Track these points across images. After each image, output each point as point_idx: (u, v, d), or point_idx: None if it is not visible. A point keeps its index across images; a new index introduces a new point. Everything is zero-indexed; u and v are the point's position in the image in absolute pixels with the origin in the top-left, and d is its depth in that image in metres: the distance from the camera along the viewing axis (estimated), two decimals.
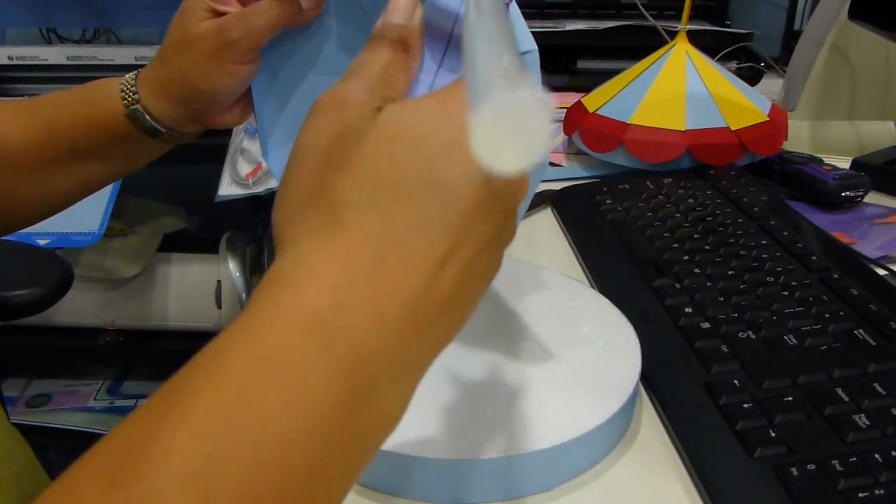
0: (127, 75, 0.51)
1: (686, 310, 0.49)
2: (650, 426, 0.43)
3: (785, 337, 0.46)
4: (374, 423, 0.24)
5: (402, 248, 0.24)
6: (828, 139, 0.93)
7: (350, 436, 0.23)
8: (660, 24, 0.98)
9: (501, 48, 0.23)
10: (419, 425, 0.39)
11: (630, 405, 0.42)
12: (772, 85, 1.06)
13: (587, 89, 0.84)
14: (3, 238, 0.56)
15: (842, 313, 0.48)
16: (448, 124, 0.25)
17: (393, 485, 0.38)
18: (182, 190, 1.59)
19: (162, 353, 1.43)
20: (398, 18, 0.29)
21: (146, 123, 0.49)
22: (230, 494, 0.20)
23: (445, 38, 0.29)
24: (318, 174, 0.26)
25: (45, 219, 0.55)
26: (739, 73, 1.04)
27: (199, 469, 0.20)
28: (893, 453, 0.37)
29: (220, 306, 1.37)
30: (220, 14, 0.47)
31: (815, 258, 0.54)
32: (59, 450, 1.37)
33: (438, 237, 0.25)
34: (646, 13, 0.98)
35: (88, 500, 0.20)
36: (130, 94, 0.49)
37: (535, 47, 0.35)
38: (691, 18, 1.13)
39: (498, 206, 0.26)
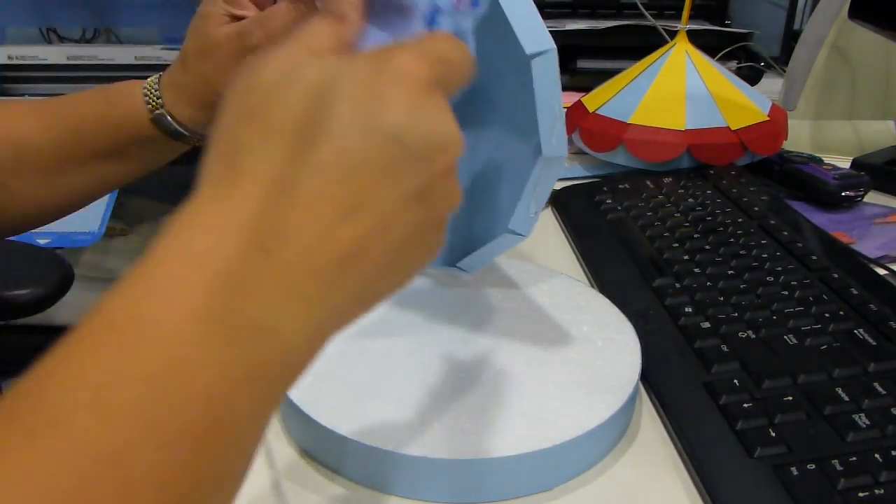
0: (149, 79, 0.51)
1: (686, 309, 0.49)
2: (650, 426, 0.43)
3: (785, 337, 0.46)
4: (277, 355, 0.24)
5: (296, 191, 0.24)
6: (828, 139, 0.93)
7: (253, 366, 0.23)
8: (660, 24, 0.98)
9: None
10: (419, 425, 0.39)
11: (630, 405, 0.42)
12: (772, 85, 1.06)
13: (587, 89, 0.84)
14: (5, 238, 0.56)
15: (842, 313, 0.48)
16: (352, 73, 0.25)
17: (393, 484, 0.38)
18: (182, 190, 1.59)
19: None
20: None
21: (171, 127, 0.50)
22: (129, 417, 0.21)
23: (386, 6, 0.30)
24: (228, 124, 0.26)
25: (60, 218, 0.55)
26: (739, 72, 1.04)
27: (93, 396, 0.21)
28: (893, 453, 0.37)
29: None
30: (237, 18, 0.48)
31: (815, 258, 0.54)
32: None
33: (336, 183, 0.24)
34: (646, 13, 0.98)
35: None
36: (154, 98, 0.50)
37: (554, 46, 0.36)
38: (691, 18, 1.13)
39: (416, 163, 0.25)
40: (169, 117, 0.50)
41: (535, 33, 0.36)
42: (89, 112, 0.51)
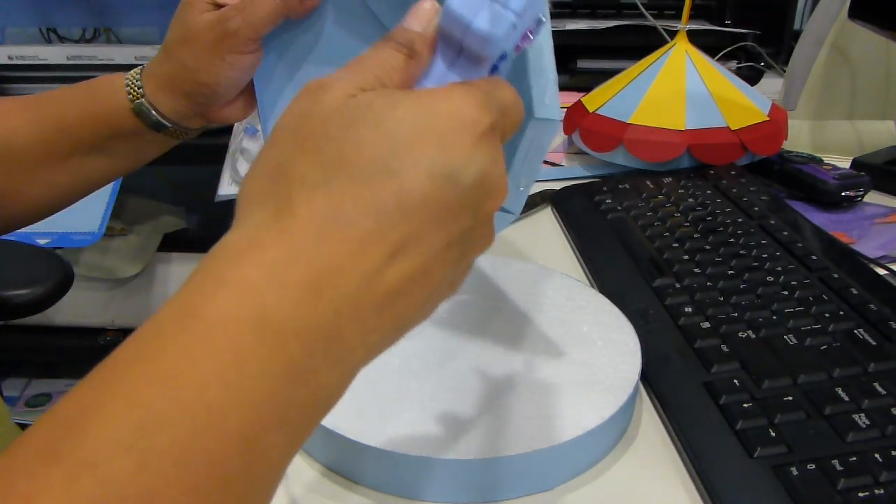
0: (132, 71, 0.51)
1: (686, 309, 0.49)
2: (650, 426, 0.43)
3: (785, 336, 0.46)
4: (310, 397, 0.24)
5: (350, 230, 0.24)
6: (828, 139, 0.93)
7: (286, 407, 0.23)
8: (660, 24, 0.98)
9: None
10: (420, 426, 0.39)
11: (630, 405, 0.42)
12: (772, 85, 1.06)
13: (587, 89, 0.84)
14: (3, 238, 0.56)
15: (842, 313, 0.48)
16: (421, 114, 0.25)
17: (394, 485, 0.38)
18: (182, 190, 1.59)
19: None
20: (414, 25, 0.29)
21: (152, 118, 0.50)
22: (165, 461, 0.20)
23: (456, 47, 0.30)
24: (283, 150, 0.26)
25: (47, 216, 0.55)
26: (739, 72, 1.04)
27: (133, 437, 0.20)
28: (893, 453, 0.37)
29: None
30: (220, 6, 0.47)
31: (815, 258, 0.54)
32: None
33: (390, 226, 0.24)
34: (646, 13, 0.98)
35: (25, 475, 0.20)
36: (135, 88, 0.50)
37: (547, 18, 0.35)
38: (691, 18, 1.13)
39: (465, 208, 0.26)
40: (149, 107, 0.49)
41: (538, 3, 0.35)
42: (72, 106, 0.51)
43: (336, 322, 0.24)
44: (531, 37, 0.30)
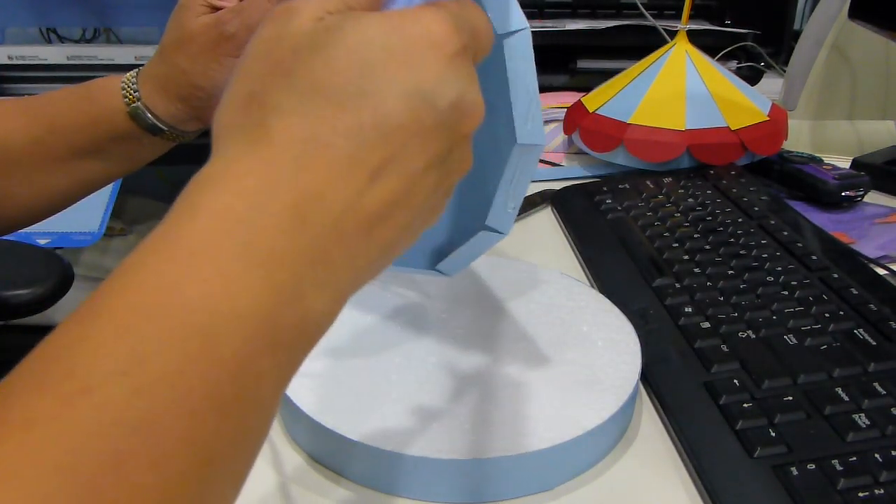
0: (128, 73, 0.51)
1: (686, 309, 0.49)
2: (650, 426, 0.43)
3: (785, 337, 0.46)
4: (301, 321, 0.24)
5: (329, 152, 0.24)
6: (828, 139, 0.93)
7: (277, 331, 0.23)
8: (660, 24, 0.98)
9: None
10: (419, 425, 0.39)
11: (630, 405, 0.42)
12: (772, 85, 1.06)
13: (587, 89, 0.84)
14: (3, 238, 0.56)
15: (842, 313, 0.48)
16: (390, 36, 0.25)
17: (394, 485, 0.38)
18: (182, 189, 1.59)
19: None
20: None
21: (147, 121, 0.49)
22: (159, 386, 0.20)
23: None
24: (255, 79, 0.25)
25: (43, 219, 0.55)
26: (739, 72, 1.04)
27: (126, 364, 0.20)
28: (893, 453, 0.37)
29: None
30: (217, 9, 0.47)
31: (815, 258, 0.54)
32: None
33: (369, 147, 0.24)
34: (646, 13, 0.98)
35: (21, 405, 0.20)
36: (131, 91, 0.50)
37: (527, 25, 0.34)
38: (691, 18, 1.13)
39: (442, 129, 0.26)
40: (145, 111, 0.49)
41: (506, 12, 0.34)
42: (68, 109, 0.50)
43: (322, 246, 0.24)
44: None
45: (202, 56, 0.47)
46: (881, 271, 0.56)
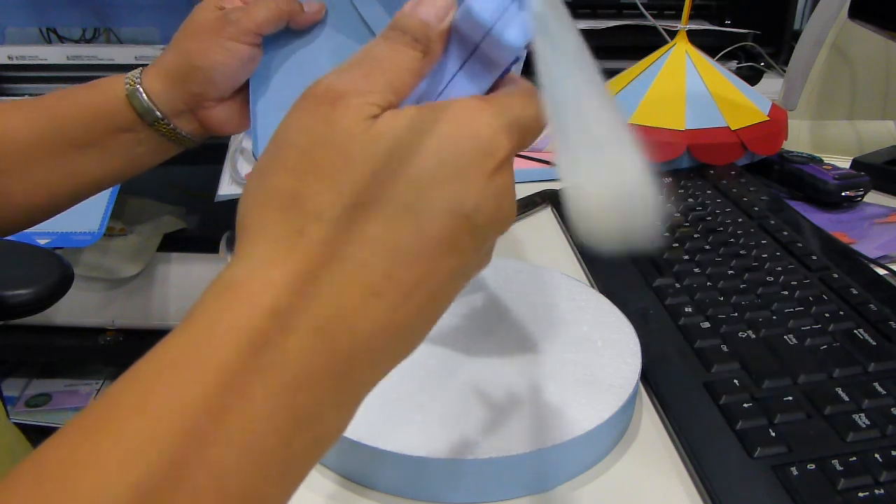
0: (137, 69, 0.52)
1: (686, 309, 0.49)
2: (650, 426, 0.43)
3: (785, 337, 0.46)
4: (313, 443, 0.23)
5: (367, 273, 0.23)
6: (828, 139, 0.93)
7: (289, 459, 0.23)
8: (660, 24, 0.98)
9: (595, 103, 0.22)
10: (420, 426, 0.39)
11: (630, 405, 0.42)
12: (772, 85, 1.06)
13: None
14: (3, 238, 0.56)
15: (842, 313, 0.48)
16: (442, 148, 0.24)
17: (393, 485, 0.38)
18: (182, 190, 1.59)
19: None
20: (428, 15, 0.26)
21: (143, 105, 0.50)
22: None
23: (470, 48, 0.27)
24: (296, 175, 0.24)
25: (42, 220, 0.55)
26: (739, 72, 1.04)
27: (133, 494, 0.20)
28: (893, 453, 0.37)
29: None
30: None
31: (815, 258, 0.54)
32: None
33: (406, 266, 0.24)
34: (646, 13, 0.98)
35: None
36: (134, 78, 0.51)
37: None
38: (691, 18, 1.13)
39: (476, 240, 0.25)
40: (143, 94, 0.50)
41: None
42: (69, 101, 0.51)
43: (346, 366, 0.23)
44: None
45: (204, 37, 0.48)
46: (881, 271, 0.56)
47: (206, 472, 0.21)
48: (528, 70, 0.31)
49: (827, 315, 0.48)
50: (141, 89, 0.50)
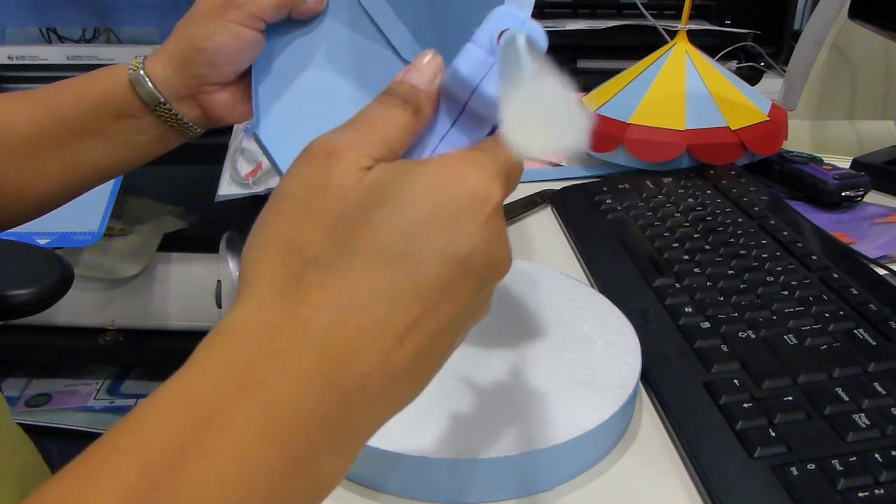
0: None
1: (686, 309, 0.49)
2: (650, 426, 0.43)
3: (785, 336, 0.46)
4: (311, 486, 0.24)
5: (363, 316, 0.24)
6: (828, 139, 0.93)
7: (287, 499, 0.23)
8: (660, 24, 0.98)
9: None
10: (420, 426, 0.39)
11: (630, 405, 0.42)
12: (772, 85, 1.06)
13: (587, 89, 0.84)
14: (3, 238, 0.56)
15: (842, 313, 0.48)
16: (436, 195, 0.25)
17: (393, 485, 0.38)
18: (182, 190, 1.59)
19: (162, 352, 1.43)
20: (417, 80, 0.29)
21: (145, 88, 0.50)
22: None
23: (460, 105, 0.29)
24: (294, 225, 0.25)
25: (41, 214, 0.55)
26: (739, 72, 1.04)
27: None
28: (893, 453, 0.37)
29: (220, 306, 1.37)
30: None
31: (815, 258, 0.54)
32: (59, 449, 1.37)
33: (402, 310, 0.24)
34: (646, 13, 0.98)
35: None
36: (137, 64, 0.51)
37: None
38: (691, 18, 1.13)
39: (472, 285, 0.26)
40: (145, 77, 0.50)
41: None
42: (71, 90, 0.51)
43: (344, 410, 0.24)
44: None
45: (209, 20, 0.49)
46: (881, 271, 0.56)
47: None
48: None
49: (827, 315, 0.48)
50: (143, 73, 0.50)
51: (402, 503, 0.38)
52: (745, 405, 0.41)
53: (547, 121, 0.26)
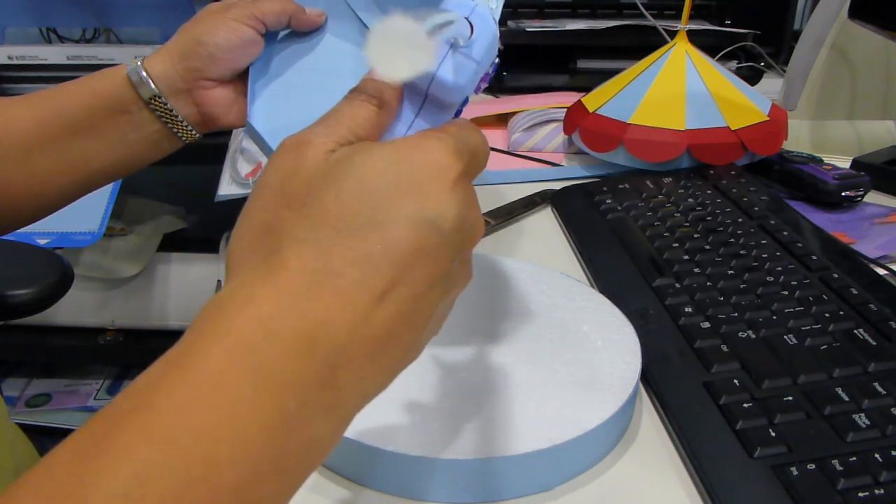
0: None
1: (686, 309, 0.49)
2: (650, 426, 0.43)
3: (785, 336, 0.46)
4: (305, 447, 0.25)
5: (338, 280, 0.25)
6: (828, 139, 0.93)
7: (281, 459, 0.24)
8: (660, 24, 0.98)
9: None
10: (419, 426, 0.39)
11: (630, 405, 0.42)
12: (772, 85, 1.06)
13: (587, 89, 0.84)
14: (3, 238, 0.56)
15: (842, 313, 0.48)
16: (399, 167, 0.27)
17: (391, 484, 0.38)
18: (182, 190, 1.59)
19: (162, 352, 1.43)
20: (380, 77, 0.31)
21: (140, 80, 0.51)
22: None
23: (422, 96, 0.32)
24: (269, 209, 0.27)
25: (41, 217, 0.55)
26: (739, 72, 1.04)
27: (129, 487, 0.21)
28: (893, 453, 0.37)
29: None
30: None
31: (815, 258, 0.54)
32: None
33: (376, 273, 0.25)
34: (646, 13, 0.98)
35: None
36: (137, 60, 0.52)
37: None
38: (691, 18, 1.13)
39: (446, 250, 0.27)
40: (142, 70, 0.51)
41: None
42: (72, 88, 0.52)
43: (330, 371, 0.25)
44: (491, 74, 0.32)
45: (211, 17, 0.51)
46: (881, 271, 0.56)
47: (199, 464, 0.22)
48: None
49: (827, 315, 0.48)
50: (141, 67, 0.51)
51: (399, 502, 0.38)
52: (745, 405, 0.41)
53: (400, 47, 0.29)
